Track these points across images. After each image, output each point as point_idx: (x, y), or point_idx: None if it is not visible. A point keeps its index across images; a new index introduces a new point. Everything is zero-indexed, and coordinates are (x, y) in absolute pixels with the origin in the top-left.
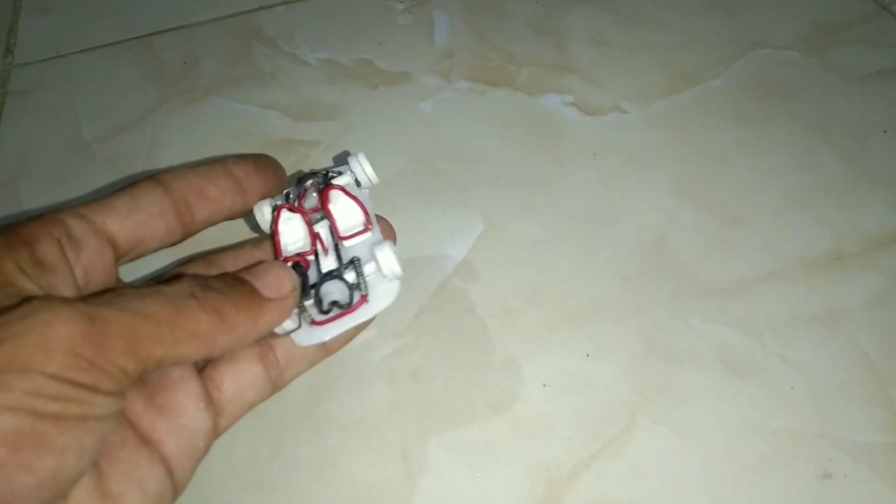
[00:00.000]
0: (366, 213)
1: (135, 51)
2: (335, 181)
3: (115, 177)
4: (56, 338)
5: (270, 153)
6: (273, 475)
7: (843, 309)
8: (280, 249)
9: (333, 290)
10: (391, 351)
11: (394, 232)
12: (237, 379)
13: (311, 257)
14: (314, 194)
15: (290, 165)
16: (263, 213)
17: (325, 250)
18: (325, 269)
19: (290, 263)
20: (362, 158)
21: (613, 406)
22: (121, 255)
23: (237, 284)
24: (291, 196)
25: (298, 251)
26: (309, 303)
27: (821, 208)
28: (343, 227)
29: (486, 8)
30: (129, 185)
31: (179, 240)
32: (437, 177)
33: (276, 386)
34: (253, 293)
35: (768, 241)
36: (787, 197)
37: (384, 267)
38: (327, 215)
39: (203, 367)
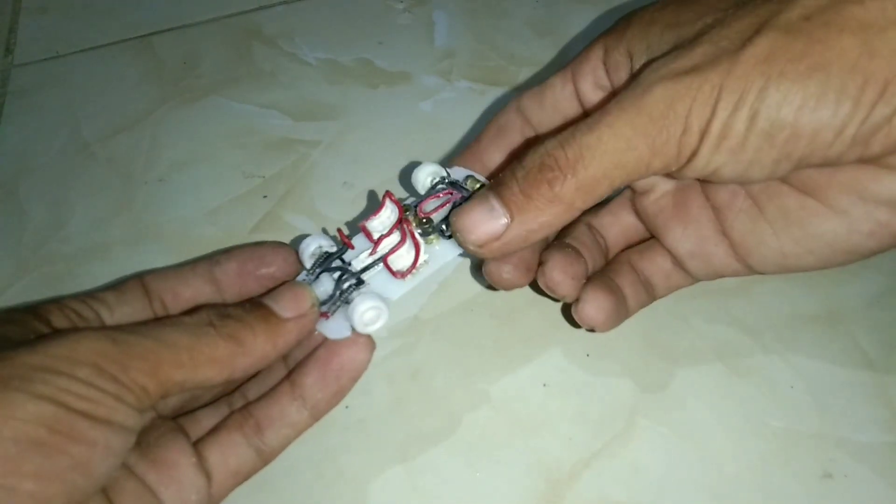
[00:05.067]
0: (412, 266)
1: (135, 51)
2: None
3: (115, 177)
4: (83, 352)
5: (270, 153)
6: (273, 475)
7: (843, 309)
8: (365, 226)
9: (323, 283)
10: (391, 351)
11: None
12: (220, 446)
13: (363, 244)
14: (435, 202)
15: (290, 165)
16: (421, 178)
17: (373, 252)
18: (356, 263)
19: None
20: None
21: (613, 406)
22: None
23: (254, 309)
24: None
25: (374, 233)
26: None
27: None
28: (392, 257)
29: (486, 8)
30: (117, 283)
31: None
32: None
33: (261, 453)
34: (269, 315)
35: None
36: None
37: (353, 313)
38: (401, 238)
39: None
